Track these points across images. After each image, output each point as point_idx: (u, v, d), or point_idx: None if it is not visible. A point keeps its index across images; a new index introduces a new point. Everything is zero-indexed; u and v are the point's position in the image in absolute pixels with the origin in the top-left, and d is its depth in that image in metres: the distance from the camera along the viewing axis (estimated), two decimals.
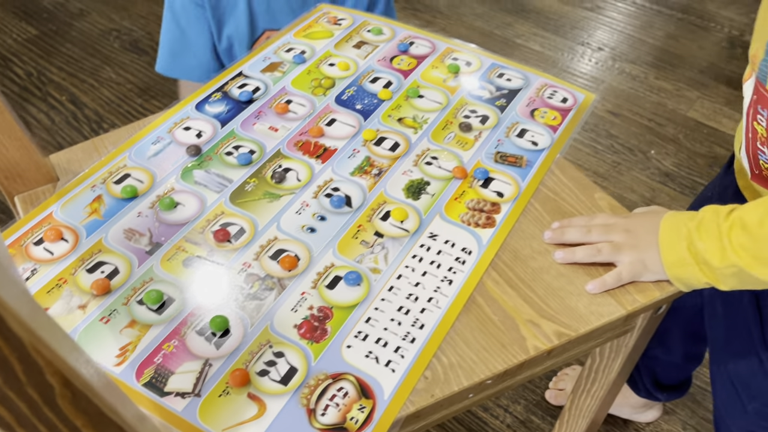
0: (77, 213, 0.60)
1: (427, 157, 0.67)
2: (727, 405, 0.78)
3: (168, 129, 0.68)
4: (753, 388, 0.74)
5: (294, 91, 0.73)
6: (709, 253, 0.53)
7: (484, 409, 1.07)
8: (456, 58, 0.79)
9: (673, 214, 0.57)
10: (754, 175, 0.63)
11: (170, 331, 0.51)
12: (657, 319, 0.62)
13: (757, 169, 0.62)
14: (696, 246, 0.53)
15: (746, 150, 0.63)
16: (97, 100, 1.60)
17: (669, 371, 0.98)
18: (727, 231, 0.52)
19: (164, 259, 0.56)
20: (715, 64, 1.82)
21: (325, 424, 0.46)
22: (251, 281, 0.55)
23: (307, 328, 0.52)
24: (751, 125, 0.60)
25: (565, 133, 0.70)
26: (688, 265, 0.54)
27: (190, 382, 0.48)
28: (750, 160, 0.63)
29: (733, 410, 0.77)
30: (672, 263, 0.55)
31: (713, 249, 0.53)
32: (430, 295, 0.55)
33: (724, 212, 0.53)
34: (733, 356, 0.77)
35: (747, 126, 0.61)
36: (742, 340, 0.75)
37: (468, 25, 1.94)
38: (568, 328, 0.53)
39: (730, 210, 0.53)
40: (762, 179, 0.62)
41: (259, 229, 0.59)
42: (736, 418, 0.77)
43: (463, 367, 0.50)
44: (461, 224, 0.60)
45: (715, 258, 0.52)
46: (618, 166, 1.51)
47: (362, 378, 0.49)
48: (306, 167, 0.65)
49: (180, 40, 0.93)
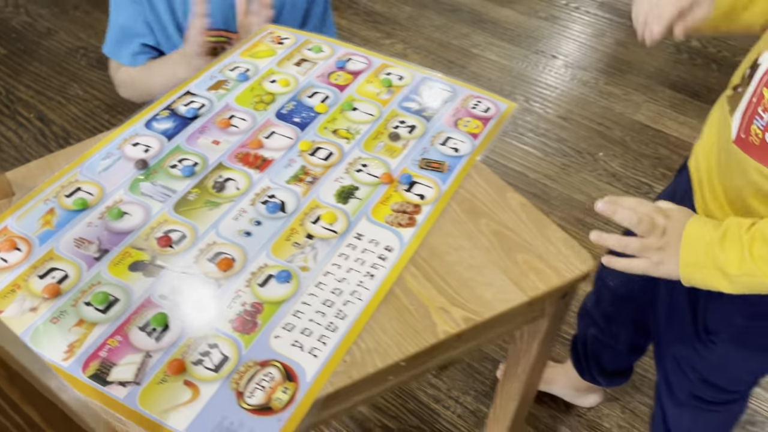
0: (31, 224, 0.65)
1: (358, 165, 0.73)
2: (673, 373, 0.88)
3: (118, 145, 0.74)
4: (693, 364, 0.84)
5: (237, 107, 0.79)
6: (728, 261, 0.61)
7: (435, 401, 1.13)
8: (389, 72, 0.86)
9: (699, 219, 0.66)
10: (739, 138, 0.68)
11: (115, 328, 0.57)
12: (565, 304, 0.68)
13: (744, 133, 0.67)
14: (716, 254, 0.62)
15: (744, 112, 0.67)
16: (64, 117, 1.64)
17: (613, 358, 1.05)
18: (748, 243, 0.60)
19: (111, 264, 0.61)
20: (662, 70, 1.90)
21: (252, 404, 0.52)
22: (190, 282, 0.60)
23: (240, 323, 0.57)
24: (759, 90, 0.65)
25: (485, 140, 0.77)
26: (703, 269, 0.63)
27: (131, 372, 0.54)
28: (742, 123, 0.68)
29: (679, 378, 0.88)
30: (688, 263, 0.64)
31: (734, 259, 0.61)
32: (353, 289, 0.61)
33: (746, 225, 0.62)
34: (674, 339, 0.85)
35: (755, 90, 0.66)
36: (680, 326, 0.83)
37: (427, 36, 2.02)
38: (476, 314, 0.59)
39: (752, 224, 0.62)
40: (744, 144, 0.67)
41: (199, 234, 0.64)
42: (681, 383, 0.88)
43: (379, 351, 0.56)
44: (385, 225, 0.67)
45: (733, 267, 0.61)
46: (567, 168, 1.59)
47: (287, 363, 0.55)
48: (245, 177, 0.71)
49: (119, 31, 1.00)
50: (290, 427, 0.51)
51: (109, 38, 1.03)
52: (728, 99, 0.72)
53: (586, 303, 1.06)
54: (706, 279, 0.64)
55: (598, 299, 1.02)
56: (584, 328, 1.06)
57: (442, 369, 1.18)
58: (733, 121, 0.69)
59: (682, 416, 0.92)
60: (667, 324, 0.87)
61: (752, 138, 0.66)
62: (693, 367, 0.84)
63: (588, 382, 1.09)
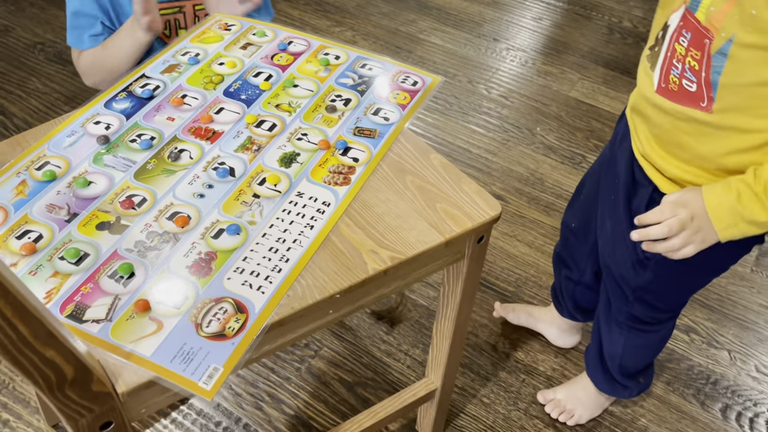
0: (5, 194, 0.73)
1: (299, 134, 0.82)
2: (614, 296, 1.01)
3: (81, 124, 0.82)
4: (632, 283, 0.96)
5: (188, 87, 0.88)
6: (755, 213, 0.73)
7: (387, 355, 1.24)
8: (327, 53, 0.95)
9: (709, 191, 0.77)
10: (660, 88, 0.79)
11: (86, 277, 0.65)
12: (482, 247, 0.79)
13: (665, 82, 0.78)
14: (740, 211, 0.74)
15: (661, 66, 0.79)
16: (25, 110, 1.69)
17: (585, 294, 1.17)
18: (763, 192, 0.72)
19: (80, 225, 0.70)
20: (595, 49, 2.03)
21: (209, 333, 0.61)
22: (152, 237, 0.69)
23: (196, 268, 0.66)
24: (672, 45, 0.77)
25: (412, 110, 0.87)
26: (736, 226, 0.75)
27: (103, 312, 0.62)
28: (661, 75, 0.79)
29: (618, 301, 1.01)
30: (723, 228, 0.76)
31: (758, 209, 0.73)
32: (295, 238, 0.70)
33: (751, 178, 0.73)
34: (615, 262, 0.97)
35: (669, 46, 0.78)
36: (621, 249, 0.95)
37: (375, 24, 2.11)
38: (400, 253, 0.69)
39: (754, 174, 0.73)
40: (665, 91, 0.79)
41: (158, 198, 0.73)
42: (620, 306, 1.00)
43: (317, 286, 0.66)
44: (323, 184, 0.76)
45: (762, 215, 0.73)
46: (507, 142, 1.70)
47: (238, 299, 0.64)
48: (198, 148, 0.79)
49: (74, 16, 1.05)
50: (241, 349, 0.61)
51: (68, 29, 1.09)
52: (648, 57, 0.83)
53: (556, 248, 1.19)
54: (744, 232, 0.76)
55: (564, 241, 1.15)
56: (558, 272, 1.19)
57: (392, 326, 1.29)
58: (654, 75, 0.80)
59: (617, 341, 1.05)
60: (611, 250, 0.98)
61: (671, 86, 0.78)
62: (631, 286, 0.96)
63: (568, 319, 1.22)
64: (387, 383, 1.20)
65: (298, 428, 1.14)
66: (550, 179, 1.61)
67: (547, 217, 1.52)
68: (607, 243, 0.99)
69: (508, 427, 1.16)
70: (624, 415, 1.20)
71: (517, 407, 1.19)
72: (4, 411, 1.13)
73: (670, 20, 0.79)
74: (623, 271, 0.96)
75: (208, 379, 0.58)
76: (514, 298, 1.36)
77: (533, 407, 1.19)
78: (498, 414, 1.18)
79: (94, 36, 1.07)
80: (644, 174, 0.87)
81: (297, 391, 1.18)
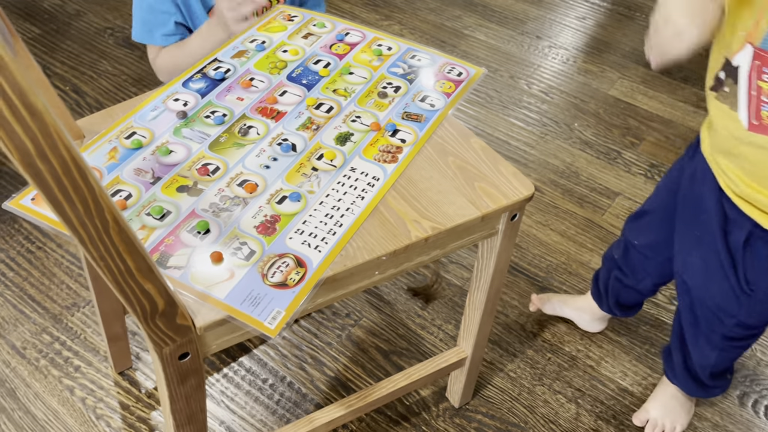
0: (100, 159, 0.84)
1: (353, 117, 0.91)
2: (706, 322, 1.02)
3: (162, 100, 0.93)
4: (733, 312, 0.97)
5: (256, 71, 0.98)
6: None
7: (421, 328, 1.33)
8: (380, 44, 1.04)
9: None
10: (752, 125, 0.79)
11: (168, 231, 0.76)
12: (515, 225, 0.87)
13: (756, 119, 0.79)
14: None
15: (747, 105, 0.79)
16: (96, 90, 1.83)
17: (630, 295, 1.22)
18: None
19: (163, 187, 0.81)
20: (637, 49, 2.08)
21: (273, 282, 0.71)
22: (224, 200, 0.80)
23: (262, 227, 0.76)
24: (754, 84, 0.77)
25: (456, 98, 0.96)
26: None
27: (184, 261, 0.73)
28: (749, 113, 0.79)
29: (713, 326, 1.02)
30: None
31: None
32: (348, 206, 0.80)
33: None
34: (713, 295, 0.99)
35: (749, 85, 0.77)
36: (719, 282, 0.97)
37: (422, 18, 2.19)
38: (440, 224, 0.78)
39: None
40: (760, 128, 0.79)
41: (230, 167, 0.83)
42: (715, 329, 1.02)
43: (366, 248, 0.75)
44: (373, 161, 0.85)
45: None
46: (545, 136, 1.77)
47: (299, 255, 0.74)
48: (264, 125, 0.89)
49: (148, 11, 1.11)
50: (300, 297, 0.71)
51: (137, 23, 1.13)
52: (718, 98, 0.83)
53: (613, 252, 1.19)
54: None
55: (625, 253, 1.16)
56: (608, 269, 1.21)
57: (427, 302, 1.38)
58: (740, 114, 0.81)
59: (709, 355, 1.06)
60: (703, 282, 0.99)
61: (764, 121, 0.79)
62: (732, 314, 0.96)
63: (605, 312, 1.28)
64: (420, 353, 1.29)
65: (337, 388, 1.24)
66: (585, 173, 1.67)
67: (580, 208, 1.59)
68: (695, 276, 1.00)
69: (532, 399, 1.24)
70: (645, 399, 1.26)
71: (542, 383, 1.27)
72: (77, 358, 1.26)
73: (735, 61, 0.79)
74: (721, 301, 0.97)
75: (272, 320, 0.68)
76: (544, 283, 1.44)
77: (557, 383, 1.27)
78: (523, 387, 1.26)
79: (165, 35, 1.12)
80: (739, 211, 0.88)
81: (337, 355, 1.28)
